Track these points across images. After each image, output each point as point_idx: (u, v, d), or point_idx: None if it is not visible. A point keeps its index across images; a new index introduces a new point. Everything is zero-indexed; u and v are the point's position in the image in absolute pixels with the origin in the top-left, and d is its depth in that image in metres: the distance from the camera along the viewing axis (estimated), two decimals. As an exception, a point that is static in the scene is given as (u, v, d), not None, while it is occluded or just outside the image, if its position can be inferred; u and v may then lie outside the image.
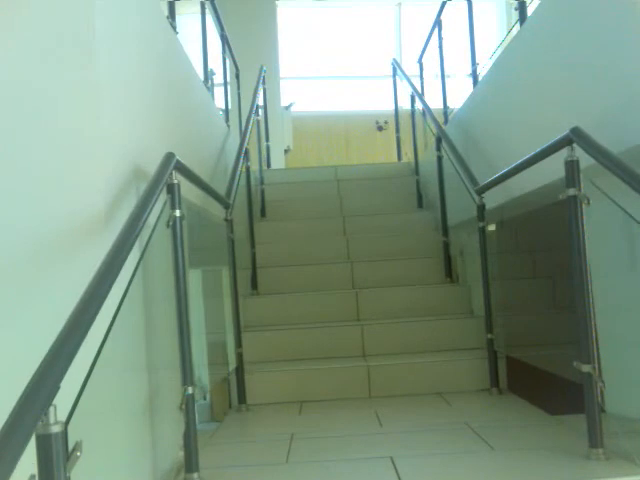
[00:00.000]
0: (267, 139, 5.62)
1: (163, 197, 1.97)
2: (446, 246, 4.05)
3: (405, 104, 5.66)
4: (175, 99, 2.79)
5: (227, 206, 3.12)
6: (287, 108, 7.81)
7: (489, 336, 3.09)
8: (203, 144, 3.47)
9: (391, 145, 9.38)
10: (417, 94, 4.64)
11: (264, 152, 5.46)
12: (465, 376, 3.17)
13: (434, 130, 4.12)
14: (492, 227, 3.17)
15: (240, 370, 3.07)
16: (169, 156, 2.03)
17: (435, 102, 4.91)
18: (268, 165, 5.62)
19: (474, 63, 3.93)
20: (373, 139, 9.66)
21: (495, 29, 5.11)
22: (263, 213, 4.80)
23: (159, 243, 1.97)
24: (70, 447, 0.98)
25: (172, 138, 2.59)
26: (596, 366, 1.88)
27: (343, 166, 5.51)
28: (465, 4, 4.03)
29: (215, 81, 4.95)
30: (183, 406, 1.80)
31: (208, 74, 4.03)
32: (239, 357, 3.10)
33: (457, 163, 3.49)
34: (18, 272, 1.51)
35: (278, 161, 6.82)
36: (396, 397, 3.08)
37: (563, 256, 2.22)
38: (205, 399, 2.99)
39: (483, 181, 3.10)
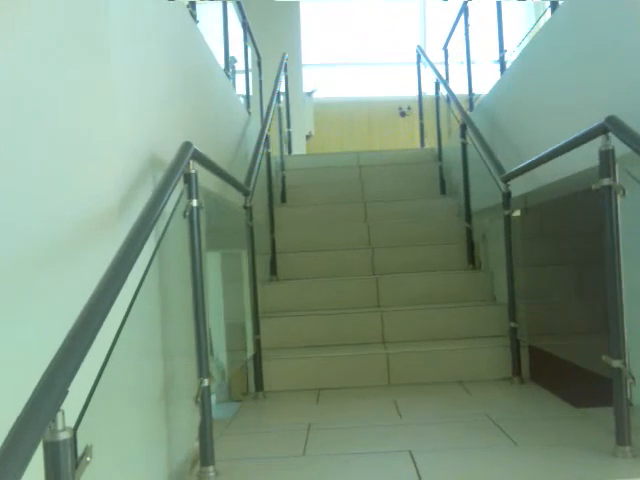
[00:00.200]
0: (288, 125, 5.55)
1: (180, 186, 1.93)
2: (469, 232, 3.95)
3: (429, 90, 5.54)
4: (194, 87, 2.74)
5: (247, 193, 3.07)
6: (309, 94, 7.72)
7: (512, 324, 3.00)
8: (222, 131, 3.42)
9: (414, 131, 9.23)
10: (442, 80, 4.53)
11: (285, 138, 5.39)
12: (486, 364, 3.10)
13: (459, 117, 4.01)
14: (517, 214, 3.07)
15: (258, 357, 3.03)
16: (186, 145, 1.98)
17: (459, 89, 4.79)
18: (289, 151, 5.56)
19: (502, 50, 3.81)
20: (396, 125, 9.52)
21: (523, 15, 4.93)
22: (284, 199, 4.74)
23: (176, 232, 1.93)
24: (80, 452, 0.94)
25: (190, 126, 2.54)
26: (626, 361, 1.80)
27: (365, 152, 5.42)
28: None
29: (237, 68, 4.91)
30: (199, 399, 1.76)
31: (229, 62, 3.96)
32: (257, 344, 3.07)
33: (482, 150, 3.38)
34: (31, 264, 1.48)
35: (299, 147, 6.74)
36: (416, 385, 3.02)
37: (591, 245, 2.14)
38: (224, 379, 2.97)
39: (509, 169, 3.01)
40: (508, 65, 3.85)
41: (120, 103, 1.72)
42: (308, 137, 7.42)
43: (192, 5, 3.12)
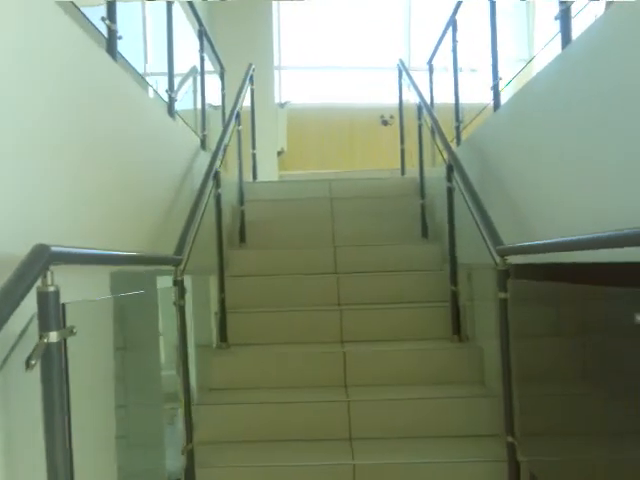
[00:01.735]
0: (253, 146, 4.78)
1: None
2: (454, 296, 3.23)
3: (413, 99, 4.75)
4: (99, 139, 1.97)
5: (177, 263, 2.33)
6: (282, 106, 6.93)
7: (509, 439, 2.31)
8: (153, 175, 2.67)
9: (397, 142, 8.54)
10: (425, 106, 3.79)
11: (248, 163, 4.64)
12: None
13: (444, 155, 3.28)
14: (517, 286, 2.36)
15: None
16: (38, 251, 1.24)
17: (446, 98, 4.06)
18: (254, 177, 4.79)
19: (496, 77, 3.07)
20: (378, 135, 8.79)
21: (515, 27, 4.21)
22: (242, 238, 3.99)
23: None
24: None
25: (88, 188, 1.79)
26: None
27: (338, 180, 4.66)
28: (486, 3, 3.16)
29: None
30: None
31: (173, 87, 3.19)
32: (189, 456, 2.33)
33: (474, 208, 2.66)
34: None
35: (269, 165, 5.99)
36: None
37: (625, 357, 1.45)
38: None
39: (504, 229, 2.32)
40: (502, 94, 3.14)
41: None
42: (280, 153, 6.65)
43: (110, 17, 2.33)
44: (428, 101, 4.46)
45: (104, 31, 2.32)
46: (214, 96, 5.00)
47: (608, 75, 1.87)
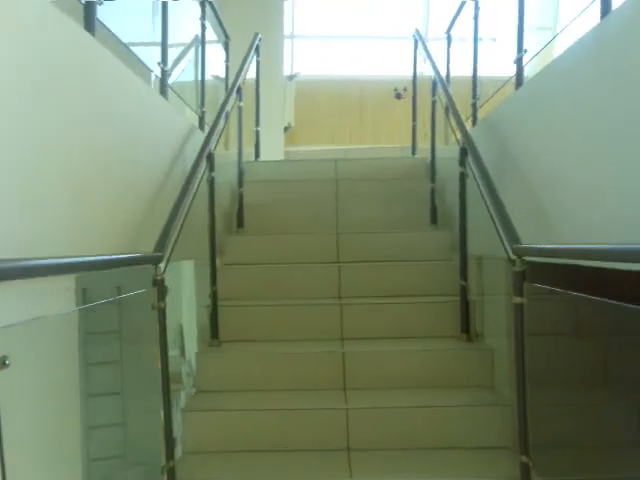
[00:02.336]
0: (257, 123, 4.48)
1: None
2: (463, 291, 2.95)
3: (428, 71, 4.38)
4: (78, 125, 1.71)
5: (158, 260, 2.07)
6: (290, 79, 6.56)
7: (524, 459, 2.05)
8: (135, 159, 2.40)
9: (409, 116, 8.13)
10: (440, 82, 3.46)
11: (251, 140, 4.34)
12: None
13: (457, 136, 2.97)
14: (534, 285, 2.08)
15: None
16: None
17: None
18: (257, 155, 4.50)
19: (520, 49, 2.74)
20: (391, 109, 8.39)
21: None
22: (240, 223, 3.72)
23: None
24: None
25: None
26: None
27: (344, 160, 4.35)
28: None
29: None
30: None
31: (166, 60, 2.89)
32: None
33: (489, 199, 2.37)
34: None
35: (275, 142, 5.67)
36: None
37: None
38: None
39: (523, 227, 2.03)
40: (527, 70, 2.81)
41: None
42: (287, 129, 6.32)
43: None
44: (444, 74, 4.13)
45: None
46: (219, 67, 4.69)
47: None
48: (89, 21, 2.10)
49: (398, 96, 8.62)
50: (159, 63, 2.86)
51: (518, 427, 2.07)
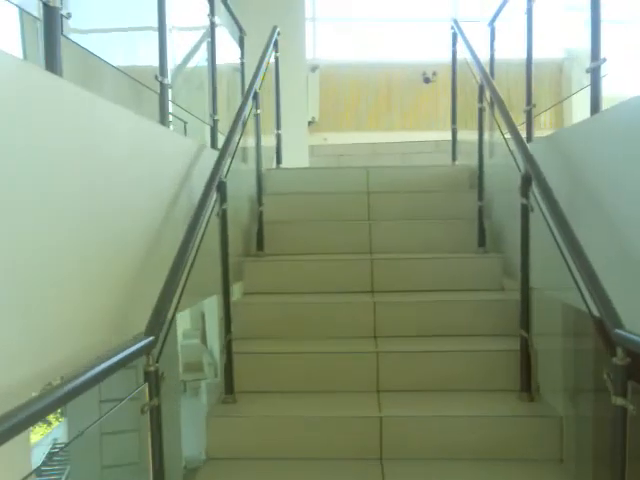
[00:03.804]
0: (278, 126, 3.89)
1: None
2: (525, 345, 2.38)
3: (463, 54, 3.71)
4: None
5: (147, 349, 1.55)
6: (313, 70, 5.92)
7: None
8: (125, 203, 1.86)
9: (439, 101, 7.43)
10: (490, 87, 2.81)
11: (269, 146, 3.77)
12: None
13: (517, 160, 2.36)
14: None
15: None
16: None
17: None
18: (278, 161, 3.93)
19: (596, 56, 2.09)
20: (418, 93, 7.70)
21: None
22: (260, 245, 3.19)
23: None
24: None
25: None
26: None
27: (377, 167, 3.70)
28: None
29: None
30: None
31: (164, 71, 2.30)
32: None
33: (577, 263, 1.76)
34: None
35: (299, 139, 5.08)
36: None
37: None
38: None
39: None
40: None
41: None
42: (311, 123, 5.71)
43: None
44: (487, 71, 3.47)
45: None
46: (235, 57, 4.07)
47: None
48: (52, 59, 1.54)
49: (427, 80, 7.93)
50: (156, 77, 2.27)
51: None
